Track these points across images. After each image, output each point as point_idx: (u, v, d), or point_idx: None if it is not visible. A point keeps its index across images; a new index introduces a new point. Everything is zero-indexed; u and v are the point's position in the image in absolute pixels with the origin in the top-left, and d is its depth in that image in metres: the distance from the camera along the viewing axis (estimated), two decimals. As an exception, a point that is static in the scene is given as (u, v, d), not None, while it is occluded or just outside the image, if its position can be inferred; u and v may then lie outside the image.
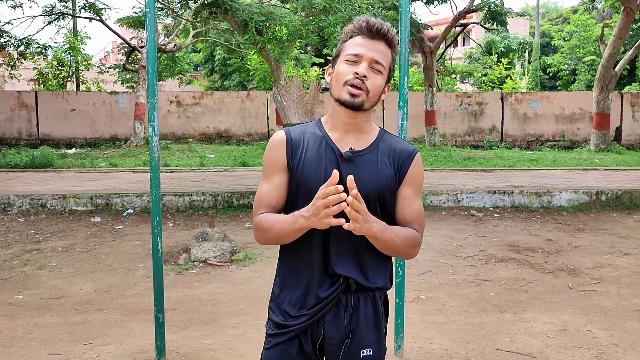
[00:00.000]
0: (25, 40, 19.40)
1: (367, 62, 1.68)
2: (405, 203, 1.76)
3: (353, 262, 1.74)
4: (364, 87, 1.67)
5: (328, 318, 1.74)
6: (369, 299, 1.78)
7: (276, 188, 1.76)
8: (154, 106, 3.45)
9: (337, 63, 1.73)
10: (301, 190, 1.72)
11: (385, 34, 1.70)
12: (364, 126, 1.77)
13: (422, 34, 17.37)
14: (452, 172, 12.04)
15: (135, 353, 3.71)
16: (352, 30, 1.73)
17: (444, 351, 3.75)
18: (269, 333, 1.82)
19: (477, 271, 5.60)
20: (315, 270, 1.74)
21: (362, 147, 1.75)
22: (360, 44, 1.69)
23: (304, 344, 1.76)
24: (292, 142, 1.76)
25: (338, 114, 1.75)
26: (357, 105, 1.69)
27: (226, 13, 10.54)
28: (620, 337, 3.98)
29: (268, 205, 1.76)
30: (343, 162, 1.71)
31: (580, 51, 25.63)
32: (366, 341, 1.76)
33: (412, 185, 1.77)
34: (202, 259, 5.90)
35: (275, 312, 1.82)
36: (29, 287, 5.14)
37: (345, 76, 1.68)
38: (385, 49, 1.72)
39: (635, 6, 14.98)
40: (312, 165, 1.71)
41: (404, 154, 1.76)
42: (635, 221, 7.93)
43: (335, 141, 1.75)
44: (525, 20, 39.85)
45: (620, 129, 18.99)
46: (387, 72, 1.74)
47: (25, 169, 12.45)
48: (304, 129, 1.80)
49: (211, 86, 30.42)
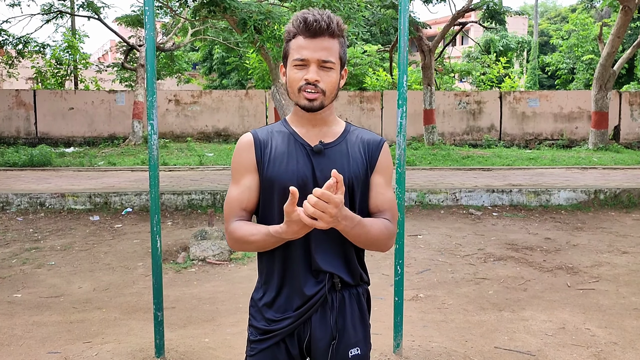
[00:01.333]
0: (24, 38, 19.38)
1: (315, 64, 1.65)
2: (377, 192, 1.76)
3: (337, 257, 1.73)
4: (318, 89, 1.65)
5: (315, 319, 1.72)
6: (354, 296, 1.77)
7: (246, 190, 1.74)
8: (153, 105, 3.45)
9: (287, 65, 1.71)
10: (275, 188, 1.70)
11: (326, 29, 1.64)
12: (328, 119, 1.77)
13: (421, 33, 17.38)
14: (450, 170, 12.05)
15: (134, 351, 3.71)
16: (292, 30, 1.67)
17: (442, 349, 3.76)
18: (252, 339, 1.78)
19: (476, 270, 5.61)
20: (298, 268, 1.71)
21: (331, 139, 1.75)
22: (303, 47, 1.65)
23: (290, 347, 1.74)
24: (260, 142, 1.75)
25: (301, 112, 1.74)
26: (317, 108, 1.68)
27: (225, 12, 10.53)
28: (618, 335, 3.99)
29: (239, 208, 1.73)
30: (315, 155, 1.71)
31: (578, 50, 25.67)
32: (354, 340, 1.76)
33: (382, 174, 1.77)
34: (201, 258, 5.90)
35: (257, 318, 1.77)
36: (28, 285, 5.14)
37: (297, 83, 1.67)
38: (330, 42, 1.66)
39: (633, 5, 15.00)
40: (283, 163, 1.70)
41: (372, 143, 1.78)
42: (634, 220, 7.94)
43: (303, 136, 1.74)
44: (523, 19, 39.85)
45: (619, 128, 19.02)
46: (339, 63, 1.70)
47: (24, 168, 12.44)
48: (270, 128, 1.79)
49: (210, 85, 30.42)
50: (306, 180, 1.68)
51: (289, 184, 1.64)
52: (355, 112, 19.39)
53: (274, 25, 10.45)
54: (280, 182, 1.69)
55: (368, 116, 19.41)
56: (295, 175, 1.68)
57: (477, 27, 26.03)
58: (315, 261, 1.70)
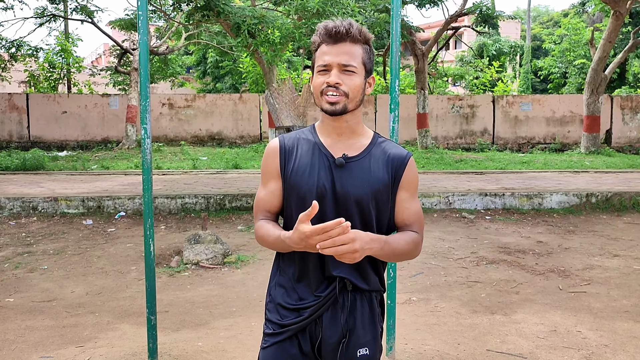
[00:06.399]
0: (17, 42, 19.33)
1: (337, 68, 1.69)
2: (403, 207, 1.80)
3: (350, 266, 1.76)
4: (340, 92, 1.69)
5: (325, 318, 1.77)
6: (365, 299, 1.81)
7: (270, 194, 1.82)
8: (146, 109, 3.46)
9: (314, 75, 1.76)
10: (294, 196, 1.75)
11: (346, 34, 1.69)
12: (356, 128, 1.79)
13: (414, 37, 17.45)
14: (444, 174, 12.10)
15: (127, 355, 3.71)
16: (317, 40, 1.74)
17: (435, 352, 3.78)
18: (267, 332, 1.84)
19: (469, 273, 5.64)
20: (312, 273, 1.77)
21: (355, 152, 1.77)
22: (325, 52, 1.70)
23: (302, 344, 1.78)
24: (285, 150, 1.80)
25: (327, 119, 1.78)
26: (339, 111, 1.71)
27: (219, 16, 10.55)
28: (609, 337, 4.02)
29: (264, 209, 1.83)
30: (336, 169, 1.74)
31: (570, 54, 25.84)
32: (362, 340, 1.79)
33: (408, 189, 1.80)
34: (195, 262, 5.89)
35: (272, 312, 1.84)
36: (20, 290, 5.12)
37: (319, 87, 1.71)
38: (352, 47, 1.71)
39: (624, 10, 15.13)
40: (305, 173, 1.74)
41: (397, 159, 1.79)
42: (625, 223, 8.00)
43: (329, 147, 1.77)
44: (516, 23, 40.08)
45: (611, 132, 19.15)
46: (364, 68, 1.74)
47: (16, 172, 12.38)
48: (298, 135, 1.83)
49: (203, 89, 30.39)
50: (325, 192, 1.72)
51: (307, 194, 1.71)
52: (349, 116, 19.41)
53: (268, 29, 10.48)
54: (299, 191, 1.74)
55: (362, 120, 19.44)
56: (315, 186, 1.72)
57: (470, 31, 26.15)
58: (329, 267, 1.75)
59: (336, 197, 1.71)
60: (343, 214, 1.69)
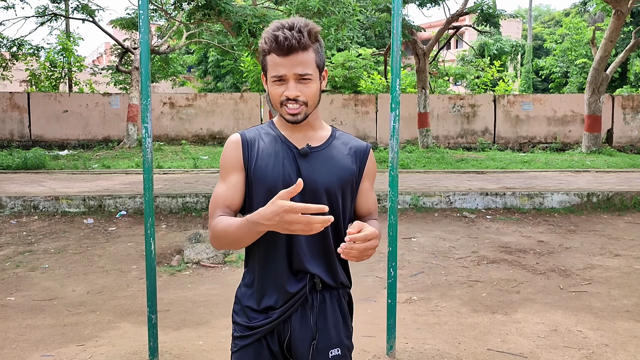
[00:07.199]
0: (18, 41, 19.33)
1: (293, 79, 1.66)
2: (367, 196, 1.86)
3: (318, 257, 1.75)
4: (300, 103, 1.68)
5: (295, 319, 1.75)
6: (334, 298, 1.80)
7: (232, 187, 1.75)
8: (147, 108, 3.46)
9: (267, 79, 1.72)
10: (261, 188, 1.71)
11: (297, 45, 1.63)
12: (315, 123, 1.79)
13: (415, 36, 17.43)
14: (444, 174, 12.09)
15: (128, 354, 3.72)
16: (266, 48, 1.68)
17: (435, 351, 3.78)
18: (236, 336, 1.81)
19: (469, 272, 5.64)
20: (279, 267, 1.74)
21: (317, 143, 1.77)
22: (279, 64, 1.65)
23: (271, 344, 1.76)
24: (247, 142, 1.77)
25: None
26: (301, 120, 1.71)
27: (220, 15, 10.55)
28: (610, 337, 4.02)
29: (224, 205, 1.73)
30: (301, 158, 1.73)
31: (572, 54, 25.82)
32: (334, 341, 1.77)
33: (370, 179, 1.86)
34: (195, 261, 5.90)
35: (240, 315, 1.81)
36: (22, 288, 5.13)
37: (278, 98, 1.68)
38: (305, 55, 1.65)
39: (626, 9, 15.11)
40: (269, 164, 1.72)
41: (359, 150, 1.83)
42: (626, 222, 8.00)
43: (290, 139, 1.76)
44: (517, 22, 40.05)
45: (612, 131, 19.13)
46: (318, 70, 1.71)
47: (17, 171, 12.40)
48: (258, 130, 1.82)
49: (204, 88, 30.40)
50: (291, 182, 1.69)
51: (274, 184, 1.68)
52: (349, 115, 19.43)
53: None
54: (265, 183, 1.71)
55: (362, 119, 19.45)
56: (280, 176, 1.70)
57: (471, 30, 26.14)
58: (296, 261, 1.73)
59: (304, 187, 1.63)
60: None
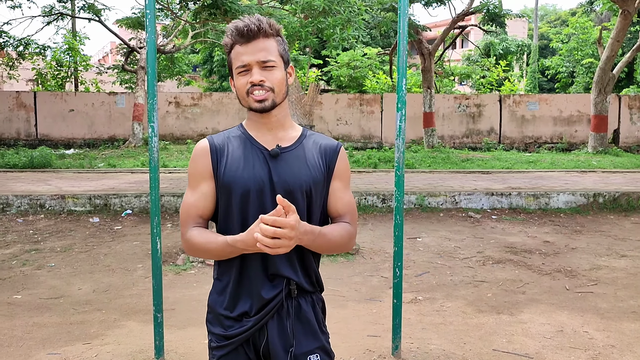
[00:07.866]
0: (24, 40, 19.41)
1: (257, 66, 1.68)
2: (337, 196, 1.79)
3: (294, 261, 1.73)
4: (266, 88, 1.68)
5: (271, 326, 1.73)
6: (309, 302, 1.78)
7: (202, 197, 1.74)
8: (154, 107, 3.47)
9: (234, 76, 1.73)
10: (233, 193, 1.70)
11: (258, 31, 1.68)
12: (284, 122, 1.78)
13: (421, 36, 17.42)
14: (450, 173, 12.07)
15: (134, 353, 3.73)
16: (229, 42, 1.72)
17: (441, 352, 3.77)
18: (213, 346, 1.79)
19: (475, 272, 5.62)
20: (254, 272, 1.72)
21: (287, 143, 1.76)
22: (241, 53, 1.69)
23: (248, 351, 1.75)
24: (215, 149, 1.75)
25: (256, 116, 1.76)
26: (269, 107, 1.70)
27: (225, 14, 10.57)
28: (616, 338, 4.01)
29: (196, 215, 1.74)
30: (271, 159, 1.72)
31: (578, 54, 25.71)
32: (312, 347, 1.75)
33: (341, 179, 1.80)
34: (201, 260, 5.91)
35: (214, 324, 1.79)
36: (28, 287, 5.15)
37: (244, 88, 1.70)
38: (266, 42, 1.69)
39: (633, 9, 15.04)
40: (239, 168, 1.71)
41: (329, 148, 1.79)
42: (633, 223, 7.96)
43: (260, 140, 1.75)
44: (523, 22, 39.94)
45: (618, 132, 19.05)
46: (282, 60, 1.73)
47: (24, 169, 12.45)
48: (227, 134, 1.80)
49: (210, 87, 30.42)
50: (263, 184, 1.69)
51: (246, 188, 1.67)
52: (355, 115, 19.42)
53: (274, 28, 10.46)
54: (237, 187, 1.70)
55: (368, 119, 19.44)
56: (252, 179, 1.69)
57: (477, 30, 26.09)
58: (271, 265, 1.71)
59: (273, 188, 1.67)
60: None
